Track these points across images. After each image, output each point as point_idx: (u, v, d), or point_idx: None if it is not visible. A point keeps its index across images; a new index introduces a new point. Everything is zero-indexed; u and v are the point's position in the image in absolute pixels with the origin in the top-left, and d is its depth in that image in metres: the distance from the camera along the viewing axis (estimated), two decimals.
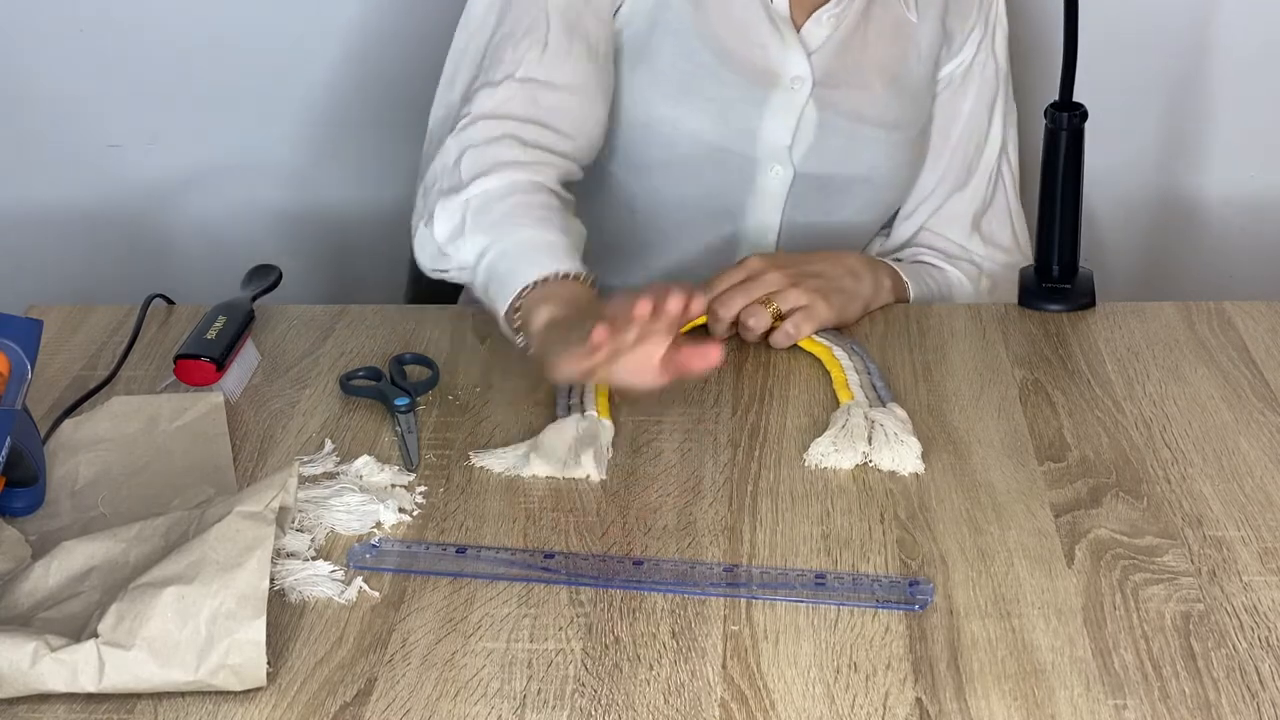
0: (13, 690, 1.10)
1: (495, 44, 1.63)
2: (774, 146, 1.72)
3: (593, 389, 1.48)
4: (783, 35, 1.70)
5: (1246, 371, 1.51)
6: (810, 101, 1.71)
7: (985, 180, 1.81)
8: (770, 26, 1.70)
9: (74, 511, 1.32)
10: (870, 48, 1.73)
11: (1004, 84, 1.81)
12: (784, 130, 1.71)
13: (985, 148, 1.80)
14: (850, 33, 1.72)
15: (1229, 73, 2.16)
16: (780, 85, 1.70)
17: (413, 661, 1.15)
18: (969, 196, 1.80)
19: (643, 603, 1.20)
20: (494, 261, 1.50)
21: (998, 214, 1.81)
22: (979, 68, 1.79)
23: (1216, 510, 1.31)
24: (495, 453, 1.40)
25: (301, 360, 1.56)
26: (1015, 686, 1.11)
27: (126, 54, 2.18)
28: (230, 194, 2.25)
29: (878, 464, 1.37)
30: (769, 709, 1.10)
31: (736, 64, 1.69)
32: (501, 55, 1.62)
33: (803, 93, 1.71)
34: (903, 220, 1.82)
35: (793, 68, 1.70)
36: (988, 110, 1.80)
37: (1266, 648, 1.15)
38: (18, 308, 1.55)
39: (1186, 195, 2.23)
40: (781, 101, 1.71)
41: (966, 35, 1.78)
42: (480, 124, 1.58)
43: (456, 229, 1.53)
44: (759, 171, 1.73)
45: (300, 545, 1.26)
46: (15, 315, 1.34)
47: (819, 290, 1.58)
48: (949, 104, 1.79)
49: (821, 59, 1.71)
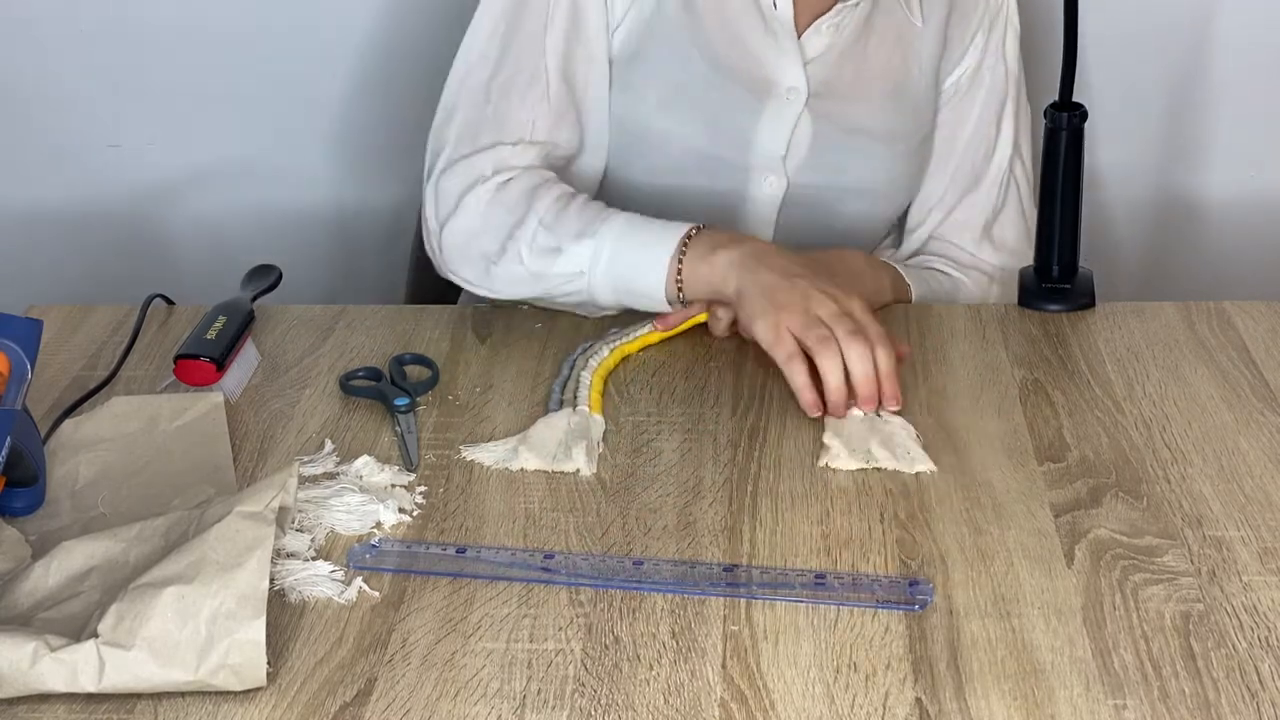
0: (13, 690, 1.10)
1: (499, 87, 1.63)
2: (768, 156, 1.71)
3: (587, 383, 1.48)
4: (779, 44, 1.69)
5: (1246, 371, 1.51)
6: (805, 112, 1.70)
7: (996, 186, 1.79)
8: (766, 35, 1.69)
9: (74, 511, 1.32)
10: (871, 58, 1.72)
11: (1015, 87, 1.80)
12: (778, 140, 1.71)
13: (995, 153, 1.79)
14: (851, 42, 1.71)
15: (1229, 73, 2.16)
16: (775, 95, 1.70)
17: (413, 661, 1.15)
18: (979, 203, 1.79)
19: (643, 603, 1.21)
20: (617, 245, 1.54)
21: (1010, 218, 1.80)
22: (988, 71, 1.78)
23: (1216, 510, 1.31)
24: (485, 446, 1.40)
25: (301, 360, 1.56)
26: (1015, 686, 1.11)
27: (126, 54, 2.18)
28: (230, 194, 2.25)
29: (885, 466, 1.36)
30: (769, 709, 1.10)
31: (731, 73, 1.69)
32: (509, 111, 1.63)
33: (797, 103, 1.70)
34: (912, 229, 1.81)
35: (788, 78, 1.69)
36: (996, 114, 1.79)
37: (1266, 648, 1.15)
38: (18, 308, 1.55)
39: (1186, 195, 2.23)
40: (776, 111, 1.70)
41: (969, 42, 1.77)
42: (516, 177, 1.60)
43: (551, 247, 1.55)
44: (752, 181, 1.72)
45: (300, 545, 1.26)
46: (15, 315, 1.34)
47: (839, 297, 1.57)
48: (957, 110, 1.78)
49: (818, 69, 1.70)
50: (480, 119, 1.63)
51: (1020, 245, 1.79)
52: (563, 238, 1.55)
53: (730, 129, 1.70)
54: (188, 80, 2.18)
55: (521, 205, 1.58)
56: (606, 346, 1.54)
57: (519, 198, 1.58)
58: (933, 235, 1.80)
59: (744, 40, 1.69)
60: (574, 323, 1.61)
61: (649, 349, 1.56)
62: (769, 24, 1.69)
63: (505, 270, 1.57)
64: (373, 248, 2.24)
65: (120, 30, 2.17)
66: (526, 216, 1.57)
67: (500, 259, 1.57)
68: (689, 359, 1.55)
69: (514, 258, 1.57)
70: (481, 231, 1.58)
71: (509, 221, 1.57)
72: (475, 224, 1.59)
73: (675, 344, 1.58)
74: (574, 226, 1.56)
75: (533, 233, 1.56)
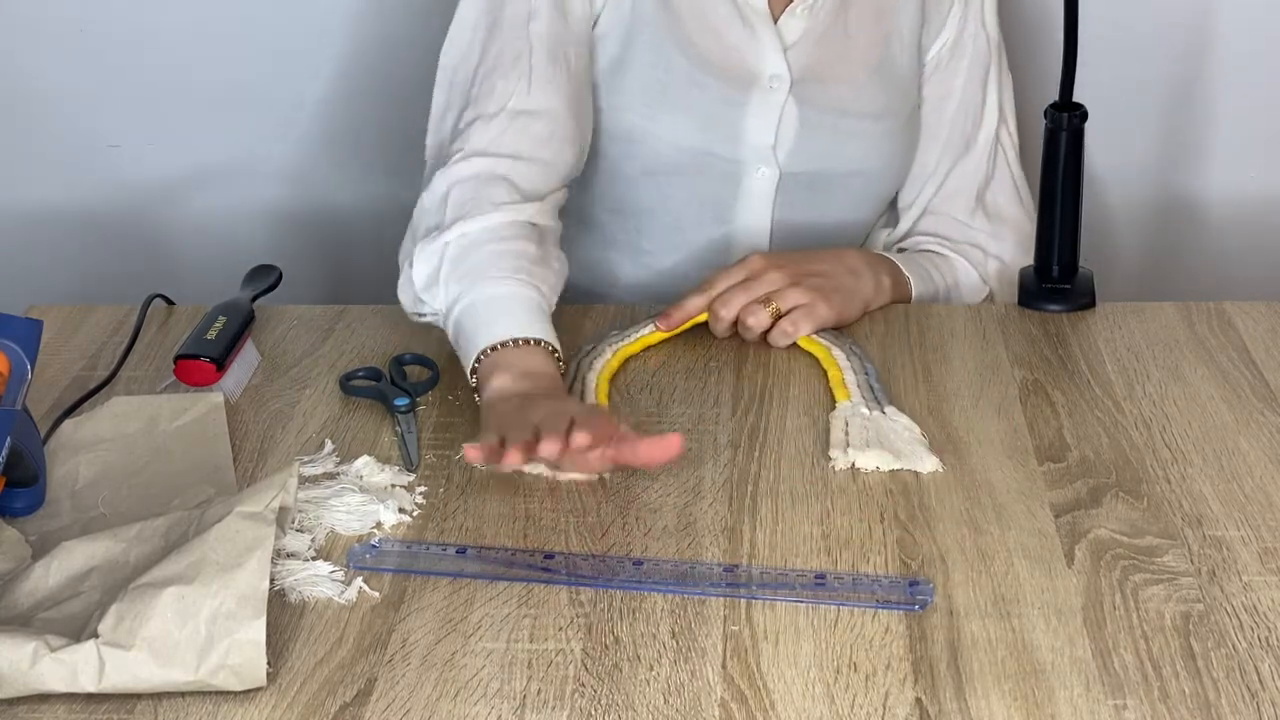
0: (13, 690, 1.10)
1: (484, 73, 1.62)
2: (758, 148, 1.71)
3: (593, 383, 1.48)
4: (756, 33, 1.69)
5: (1246, 371, 1.51)
6: (790, 99, 1.70)
7: (985, 154, 1.79)
8: (743, 26, 1.68)
9: (74, 511, 1.32)
10: (851, 38, 1.72)
11: (996, 53, 1.79)
12: (766, 130, 1.71)
13: (983, 121, 1.79)
14: (829, 24, 1.71)
15: (1229, 73, 2.16)
16: (759, 85, 1.70)
17: (413, 662, 1.15)
18: (970, 172, 1.79)
19: (643, 603, 1.21)
20: (461, 316, 1.49)
21: (1002, 186, 1.80)
22: (969, 40, 1.77)
23: (1216, 510, 1.31)
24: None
25: (301, 360, 1.56)
26: (1015, 686, 1.11)
27: (126, 54, 2.17)
28: (230, 194, 2.24)
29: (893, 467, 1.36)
30: (769, 709, 1.10)
31: (713, 68, 1.68)
32: (493, 86, 1.61)
33: (781, 91, 1.70)
34: (906, 206, 1.81)
35: (769, 66, 1.69)
36: (981, 83, 1.78)
37: (1266, 648, 1.15)
38: (18, 308, 1.55)
39: (1186, 195, 2.22)
40: (761, 102, 1.70)
41: (947, 13, 1.76)
42: (472, 160, 1.58)
43: (433, 275, 1.52)
44: (745, 174, 1.72)
45: (300, 545, 1.26)
46: (15, 315, 1.34)
47: (819, 289, 1.58)
48: (941, 82, 1.78)
49: (799, 55, 1.70)
50: (466, 109, 1.62)
51: (1013, 211, 1.79)
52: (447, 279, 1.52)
53: (718, 124, 1.70)
54: (188, 80, 2.18)
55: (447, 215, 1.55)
56: (609, 348, 1.54)
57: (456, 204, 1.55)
58: (927, 210, 1.79)
59: (722, 34, 1.69)
60: (574, 322, 1.61)
61: (650, 349, 1.57)
62: (745, 15, 1.68)
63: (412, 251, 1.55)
64: (373, 248, 2.23)
65: (120, 30, 2.17)
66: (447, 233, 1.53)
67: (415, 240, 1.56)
68: (689, 359, 1.55)
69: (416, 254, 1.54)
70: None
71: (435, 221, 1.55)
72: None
73: (675, 344, 1.58)
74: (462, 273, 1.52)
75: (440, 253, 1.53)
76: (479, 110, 1.61)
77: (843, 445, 1.38)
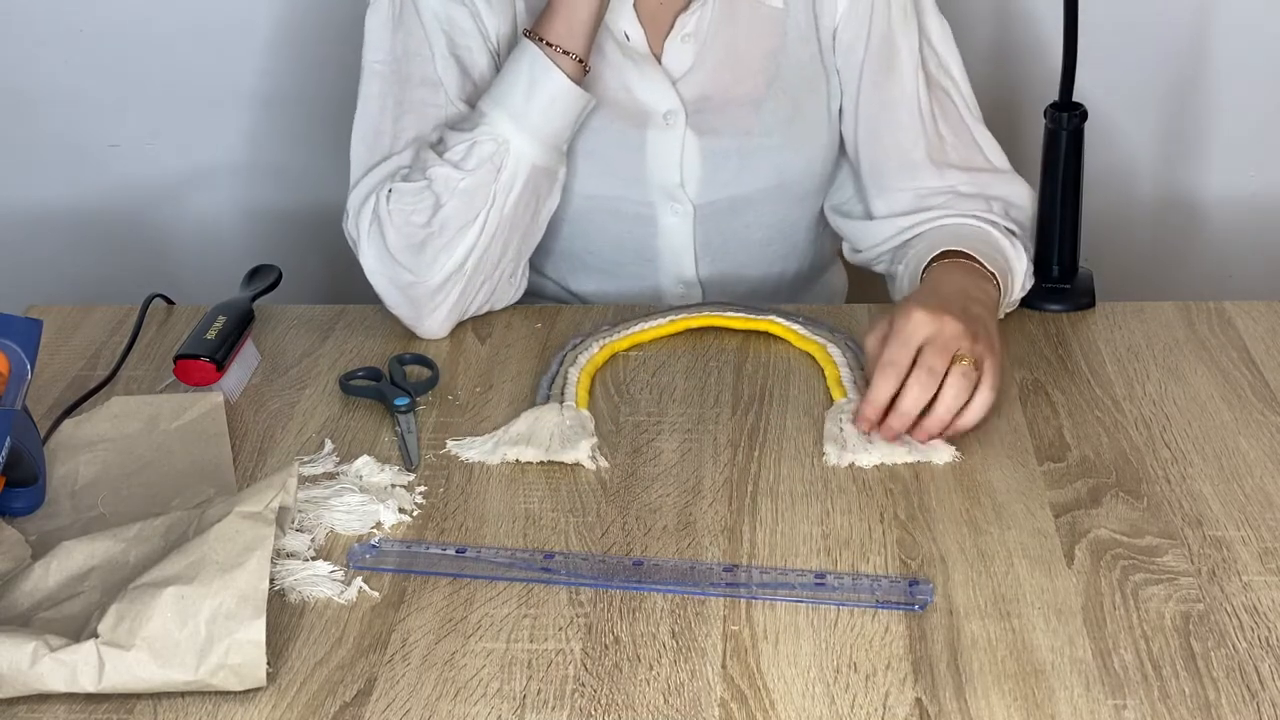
0: (13, 690, 1.10)
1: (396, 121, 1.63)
2: (665, 186, 1.67)
3: (574, 380, 1.48)
4: (643, 71, 1.64)
5: (1246, 371, 1.51)
6: (689, 132, 1.65)
7: (913, 111, 1.65)
8: (634, 67, 1.64)
9: (74, 511, 1.32)
10: (742, 54, 1.66)
11: (900, 13, 1.65)
12: (670, 169, 1.66)
13: (896, 72, 1.65)
14: (714, 47, 1.65)
15: (1229, 73, 2.16)
16: (653, 123, 1.65)
17: (413, 661, 1.15)
18: (909, 137, 1.65)
19: (643, 603, 1.21)
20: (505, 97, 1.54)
21: (961, 140, 1.66)
22: (877, 37, 1.65)
23: (1216, 510, 1.31)
24: (467, 441, 1.40)
25: (301, 360, 1.56)
26: (1015, 686, 1.11)
27: (126, 54, 2.18)
28: (230, 194, 2.25)
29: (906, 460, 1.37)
30: (769, 709, 1.10)
31: (610, 111, 1.64)
32: (405, 127, 1.62)
33: (679, 125, 1.65)
34: (882, 209, 1.68)
35: (663, 102, 1.65)
36: (892, 33, 1.65)
37: (1266, 648, 1.15)
38: (18, 308, 1.55)
39: (1186, 195, 2.23)
40: (658, 140, 1.65)
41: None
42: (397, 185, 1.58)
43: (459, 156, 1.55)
44: (659, 212, 1.68)
45: (300, 545, 1.26)
46: (15, 315, 1.34)
47: (982, 337, 1.43)
48: (875, 88, 1.66)
49: (689, 86, 1.65)
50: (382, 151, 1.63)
51: (982, 161, 1.67)
52: (464, 137, 1.54)
53: (621, 168, 1.66)
54: (188, 80, 2.19)
55: (416, 170, 1.57)
56: (597, 343, 1.54)
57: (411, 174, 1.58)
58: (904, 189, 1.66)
59: (613, 77, 1.64)
60: (574, 322, 1.61)
61: (645, 346, 1.57)
62: (628, 54, 1.64)
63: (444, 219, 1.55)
64: None
65: (120, 30, 2.17)
66: (428, 164, 1.55)
67: (433, 217, 1.56)
68: (689, 359, 1.55)
69: (447, 192, 1.55)
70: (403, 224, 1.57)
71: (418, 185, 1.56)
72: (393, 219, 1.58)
73: (675, 344, 1.58)
74: (465, 126, 1.55)
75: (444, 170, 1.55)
76: (389, 150, 1.62)
77: (837, 441, 1.38)
